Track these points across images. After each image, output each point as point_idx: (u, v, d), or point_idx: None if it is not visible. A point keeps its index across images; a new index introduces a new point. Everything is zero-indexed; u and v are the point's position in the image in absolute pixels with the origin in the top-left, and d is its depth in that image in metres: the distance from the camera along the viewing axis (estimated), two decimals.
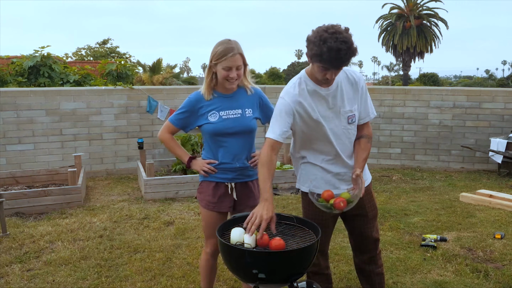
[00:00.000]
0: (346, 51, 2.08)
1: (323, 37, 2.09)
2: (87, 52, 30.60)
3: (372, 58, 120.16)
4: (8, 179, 6.09)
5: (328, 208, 2.27)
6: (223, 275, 3.46)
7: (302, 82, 2.36)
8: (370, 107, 2.49)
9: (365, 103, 2.46)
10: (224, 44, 2.48)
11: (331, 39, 2.07)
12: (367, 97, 2.47)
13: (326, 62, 2.13)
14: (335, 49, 2.06)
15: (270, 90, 8.03)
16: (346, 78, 2.39)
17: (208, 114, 2.58)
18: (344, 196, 2.25)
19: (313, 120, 2.35)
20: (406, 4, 33.25)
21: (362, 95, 2.43)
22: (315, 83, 2.33)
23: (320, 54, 2.10)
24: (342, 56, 2.09)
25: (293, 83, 2.38)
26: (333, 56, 2.08)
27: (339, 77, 2.36)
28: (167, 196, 5.85)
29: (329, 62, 2.12)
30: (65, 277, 3.48)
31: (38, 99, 6.92)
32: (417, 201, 5.64)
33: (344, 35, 2.10)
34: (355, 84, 2.40)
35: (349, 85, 2.39)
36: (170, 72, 25.95)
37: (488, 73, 66.34)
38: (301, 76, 2.38)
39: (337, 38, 2.07)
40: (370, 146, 2.50)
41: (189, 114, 2.66)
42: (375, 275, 2.66)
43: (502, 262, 3.71)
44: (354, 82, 2.40)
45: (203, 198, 2.66)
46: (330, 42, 2.07)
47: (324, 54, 2.09)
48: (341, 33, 2.10)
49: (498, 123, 7.41)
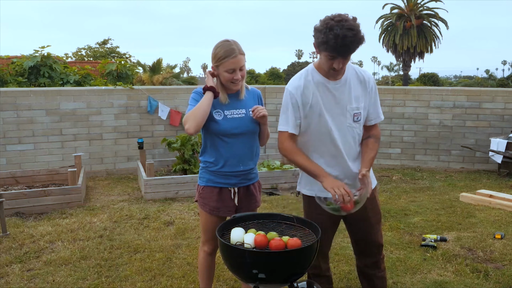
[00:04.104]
0: (352, 38, 2.07)
1: (329, 24, 2.09)
2: (87, 52, 30.60)
3: (372, 58, 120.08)
4: (8, 179, 6.09)
5: (336, 210, 2.28)
6: (223, 275, 3.46)
7: (309, 74, 2.35)
8: (379, 109, 2.47)
9: (375, 104, 2.44)
10: (224, 46, 2.43)
11: (337, 26, 2.07)
12: (376, 98, 2.44)
13: (333, 50, 2.11)
14: (341, 36, 2.06)
15: (270, 90, 8.03)
16: (355, 76, 2.37)
17: (213, 112, 2.51)
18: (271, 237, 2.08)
19: (316, 113, 2.33)
20: (406, 4, 33.26)
21: (371, 95, 2.41)
22: (323, 76, 2.31)
23: (326, 41, 2.10)
24: (348, 43, 2.08)
25: (299, 75, 2.38)
26: (339, 43, 2.07)
27: (348, 73, 2.34)
28: (167, 196, 5.85)
29: (335, 49, 2.11)
30: (65, 277, 3.48)
31: (38, 99, 6.92)
32: (417, 201, 5.64)
33: (350, 22, 2.09)
34: (364, 83, 2.38)
35: (358, 82, 2.37)
36: (170, 72, 25.91)
37: (488, 73, 66.28)
38: (308, 69, 2.38)
39: (343, 26, 2.07)
40: (378, 146, 2.47)
41: None
42: (377, 279, 2.63)
43: (502, 262, 3.71)
44: (363, 81, 2.38)
45: (206, 203, 2.60)
46: (336, 29, 2.06)
47: (330, 41, 2.08)
48: (348, 20, 2.10)
49: (498, 123, 7.41)
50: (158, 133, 7.53)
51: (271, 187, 6.25)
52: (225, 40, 2.47)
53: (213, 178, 2.58)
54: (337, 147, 2.37)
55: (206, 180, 2.60)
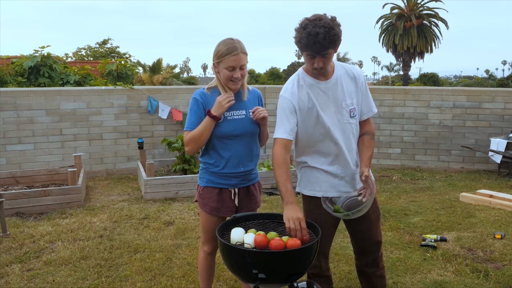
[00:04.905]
0: (324, 35, 2.11)
1: (303, 24, 2.17)
2: (87, 52, 30.56)
3: (372, 58, 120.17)
4: (8, 179, 6.09)
5: (349, 216, 2.30)
6: (223, 275, 3.46)
7: (300, 78, 2.38)
8: (372, 102, 2.51)
9: (367, 98, 2.48)
10: (227, 43, 2.42)
11: (311, 25, 2.14)
12: (367, 92, 2.48)
13: (306, 47, 2.18)
14: (313, 33, 2.11)
15: (270, 90, 8.03)
16: (345, 73, 2.41)
17: None
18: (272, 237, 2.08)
19: (314, 115, 2.34)
20: (406, 4, 33.26)
21: (362, 90, 2.45)
22: (312, 77, 2.35)
23: (300, 40, 2.17)
24: (320, 40, 2.12)
25: (291, 80, 2.41)
26: (311, 40, 2.13)
27: (338, 71, 2.38)
28: (167, 196, 5.85)
29: (308, 47, 2.17)
30: (65, 277, 3.49)
31: (38, 99, 6.92)
32: (417, 201, 5.64)
33: (325, 21, 2.14)
34: (354, 79, 2.42)
35: (349, 79, 2.41)
36: (170, 72, 25.95)
37: (488, 73, 66.25)
38: (299, 73, 2.41)
39: (316, 24, 2.13)
40: (373, 143, 2.50)
41: (202, 114, 2.50)
42: (376, 277, 2.63)
43: (502, 262, 3.71)
44: (353, 77, 2.42)
45: (206, 204, 2.60)
46: (309, 27, 2.13)
47: (303, 39, 2.15)
48: (322, 19, 2.15)
49: (498, 123, 7.41)
50: (158, 133, 7.53)
51: (271, 187, 6.25)
52: (229, 38, 2.46)
53: (213, 179, 2.57)
54: (338, 144, 2.39)
55: (206, 180, 2.60)
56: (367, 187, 2.32)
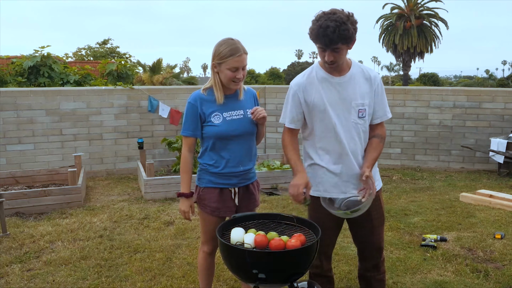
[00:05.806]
0: (334, 29, 2.13)
1: (318, 16, 2.21)
2: (87, 52, 30.56)
3: (372, 58, 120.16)
4: (8, 179, 6.09)
5: (348, 214, 2.33)
6: (223, 275, 3.46)
7: (314, 70, 2.41)
8: (387, 107, 2.49)
9: (382, 101, 2.45)
10: (229, 44, 2.41)
11: (324, 18, 2.17)
12: (383, 96, 2.46)
13: (316, 39, 2.21)
14: (324, 26, 2.14)
15: (270, 90, 8.03)
16: (361, 73, 2.40)
17: (212, 116, 2.49)
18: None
19: (320, 109, 2.35)
20: (406, 4, 33.25)
21: (378, 92, 2.42)
22: (326, 72, 2.36)
23: (312, 32, 2.21)
24: (329, 33, 2.14)
25: (304, 72, 2.46)
26: (320, 33, 2.16)
27: (354, 70, 2.38)
28: (167, 196, 5.85)
29: (318, 39, 2.20)
30: (65, 277, 3.48)
31: (38, 99, 6.92)
32: (417, 201, 5.64)
33: (338, 15, 2.17)
34: (369, 80, 2.40)
35: (363, 79, 2.39)
36: (170, 72, 25.91)
37: (488, 73, 66.31)
38: (314, 66, 2.44)
39: (329, 18, 2.16)
40: (382, 146, 2.48)
41: (197, 118, 2.51)
42: (375, 281, 2.62)
43: (502, 262, 3.71)
44: (369, 78, 2.41)
45: (207, 205, 2.59)
46: (321, 20, 2.16)
47: (314, 31, 2.19)
48: (336, 13, 2.18)
49: (498, 123, 7.41)
50: (158, 133, 7.53)
51: (271, 187, 6.25)
52: (229, 38, 2.45)
53: (213, 179, 2.57)
54: (341, 143, 2.37)
55: (206, 181, 2.59)
56: (367, 188, 2.31)
